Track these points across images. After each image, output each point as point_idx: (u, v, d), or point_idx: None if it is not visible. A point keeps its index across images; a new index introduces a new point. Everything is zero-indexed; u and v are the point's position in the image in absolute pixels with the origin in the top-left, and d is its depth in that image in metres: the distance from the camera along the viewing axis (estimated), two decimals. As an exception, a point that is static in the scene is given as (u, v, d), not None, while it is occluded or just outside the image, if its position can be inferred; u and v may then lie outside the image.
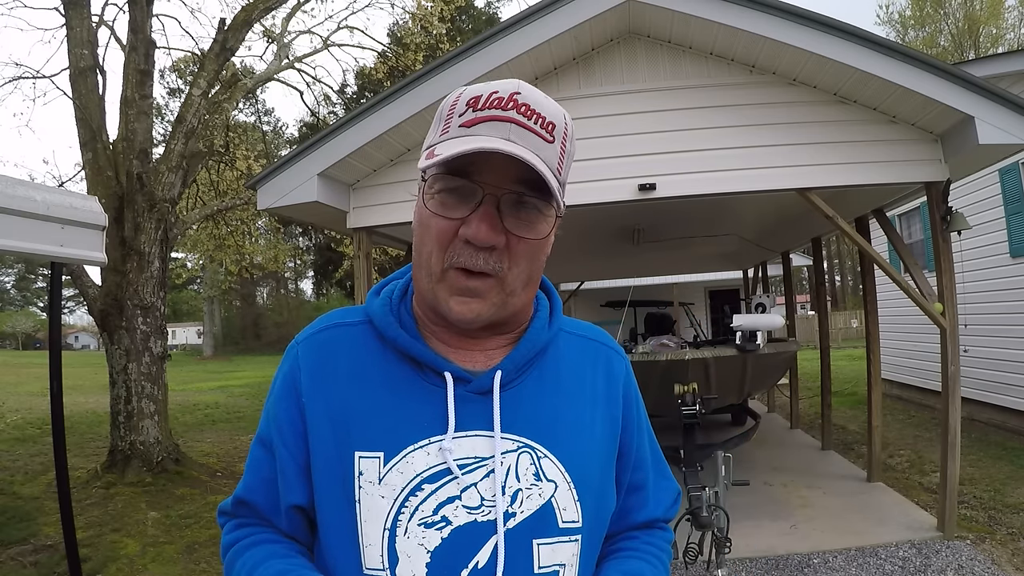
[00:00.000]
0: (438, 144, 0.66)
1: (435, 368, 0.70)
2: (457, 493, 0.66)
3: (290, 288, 44.49)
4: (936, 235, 3.79)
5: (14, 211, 2.46)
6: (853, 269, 31.89)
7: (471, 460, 0.67)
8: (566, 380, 0.75)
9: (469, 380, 0.70)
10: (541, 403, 0.72)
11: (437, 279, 0.68)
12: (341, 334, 0.75)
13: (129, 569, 3.82)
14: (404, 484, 0.66)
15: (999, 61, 6.22)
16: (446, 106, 0.68)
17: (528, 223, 0.67)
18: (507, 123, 0.64)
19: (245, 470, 0.77)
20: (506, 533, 0.66)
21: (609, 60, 3.97)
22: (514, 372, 0.72)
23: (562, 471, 0.70)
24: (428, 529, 0.65)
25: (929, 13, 23.31)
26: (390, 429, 0.68)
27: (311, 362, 0.74)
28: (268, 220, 12.27)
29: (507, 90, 0.65)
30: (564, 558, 0.69)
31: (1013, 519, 4.03)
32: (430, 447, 0.67)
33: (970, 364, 6.35)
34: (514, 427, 0.69)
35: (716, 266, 10.32)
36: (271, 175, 4.02)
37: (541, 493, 0.68)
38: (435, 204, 0.67)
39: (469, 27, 23.70)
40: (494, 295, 0.68)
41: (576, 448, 0.72)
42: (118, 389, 5.70)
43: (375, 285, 0.81)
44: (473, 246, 0.65)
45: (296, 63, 9.11)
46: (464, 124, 0.65)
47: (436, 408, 0.69)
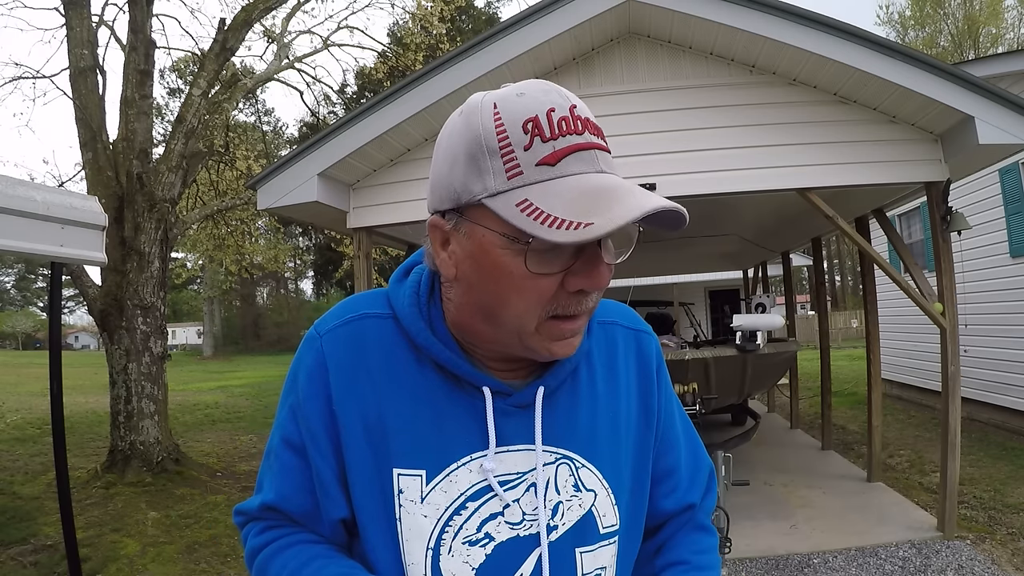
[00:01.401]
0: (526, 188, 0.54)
1: (473, 383, 0.66)
2: (500, 509, 0.65)
3: (290, 288, 44.51)
4: (936, 235, 3.79)
5: (14, 211, 2.46)
6: (853, 269, 31.89)
7: (512, 476, 0.66)
8: (600, 381, 0.73)
9: (508, 393, 0.67)
10: (577, 412, 0.70)
11: (530, 335, 0.60)
12: (369, 328, 0.68)
13: (129, 569, 3.82)
14: (448, 504, 0.64)
15: (999, 61, 6.23)
16: (488, 133, 0.55)
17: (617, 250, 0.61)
18: (591, 150, 0.56)
19: (273, 473, 0.71)
20: (549, 546, 0.65)
21: (609, 60, 3.97)
22: (555, 386, 0.69)
23: (600, 479, 0.69)
24: (472, 547, 0.64)
25: (929, 13, 23.32)
26: (430, 446, 0.65)
27: (339, 360, 0.67)
28: (268, 220, 12.28)
29: (563, 105, 0.56)
30: (605, 561, 0.69)
31: (1013, 519, 4.03)
32: (472, 464, 0.65)
33: (970, 364, 6.35)
34: (553, 439, 0.68)
35: (716, 266, 10.32)
36: (271, 175, 4.02)
37: (581, 504, 0.68)
38: (535, 262, 0.56)
39: (469, 27, 23.70)
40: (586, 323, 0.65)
41: (613, 454, 0.71)
42: (118, 389, 5.70)
43: (398, 269, 0.74)
44: (585, 293, 0.59)
45: (296, 63, 9.11)
46: (545, 161, 0.54)
47: (475, 423, 0.66)
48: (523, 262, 0.56)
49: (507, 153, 0.55)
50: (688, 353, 4.63)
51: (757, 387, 5.94)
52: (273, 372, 20.47)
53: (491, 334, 0.63)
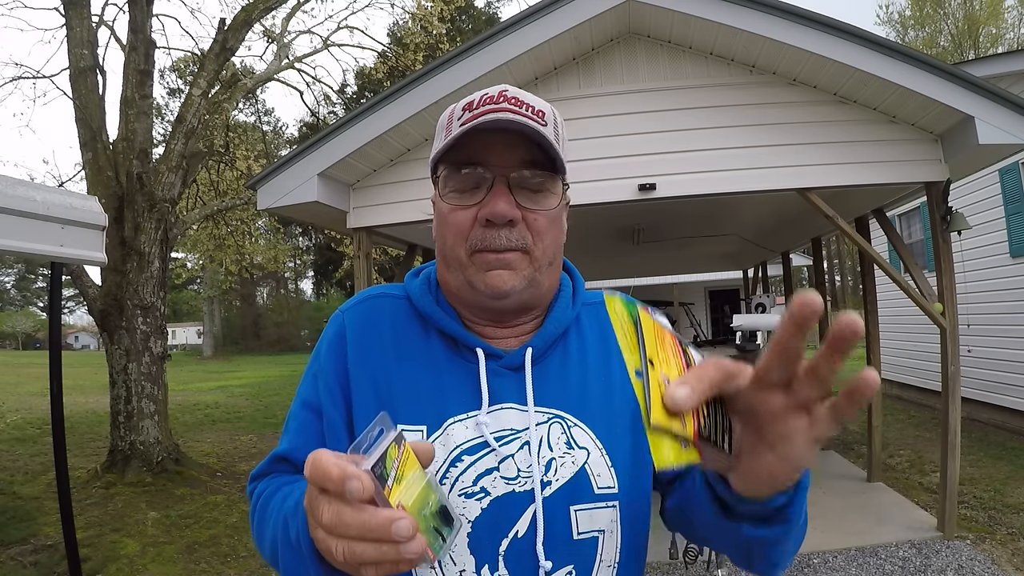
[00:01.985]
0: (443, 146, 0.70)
1: (468, 344, 0.73)
2: (495, 465, 0.68)
3: (290, 288, 44.51)
4: (936, 235, 3.80)
5: (14, 211, 2.46)
6: (853, 269, 31.89)
7: (506, 432, 0.70)
8: (590, 350, 0.78)
9: (500, 356, 0.73)
10: (567, 375, 0.75)
11: (465, 266, 0.71)
12: (385, 305, 0.79)
13: (129, 569, 3.82)
14: (445, 456, 0.68)
15: (999, 61, 6.22)
16: (444, 119, 0.73)
17: (537, 200, 0.71)
18: (502, 113, 0.67)
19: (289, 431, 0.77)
20: (543, 501, 0.68)
21: (609, 60, 3.97)
22: (543, 348, 0.75)
23: (593, 438, 0.72)
24: (468, 500, 0.67)
25: (929, 13, 23.32)
26: (432, 403, 0.71)
27: (357, 330, 0.76)
28: (268, 220, 12.29)
29: (496, 90, 0.70)
30: (603, 524, 0.70)
31: (1013, 519, 4.03)
32: (467, 421, 0.70)
33: (970, 364, 6.35)
34: (544, 400, 0.72)
35: (716, 266, 10.33)
36: (271, 175, 4.02)
37: (574, 460, 0.71)
38: (451, 197, 0.71)
39: (469, 27, 23.70)
40: (524, 267, 0.71)
41: (605, 414, 0.74)
42: (118, 389, 5.70)
43: (412, 270, 0.84)
44: (494, 225, 0.68)
45: (296, 63, 9.12)
46: (463, 123, 0.68)
47: (472, 383, 0.72)
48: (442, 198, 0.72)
49: (448, 126, 0.71)
50: (688, 353, 4.62)
51: (757, 387, 5.93)
52: (273, 372, 20.47)
53: (453, 280, 0.74)
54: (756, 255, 8.47)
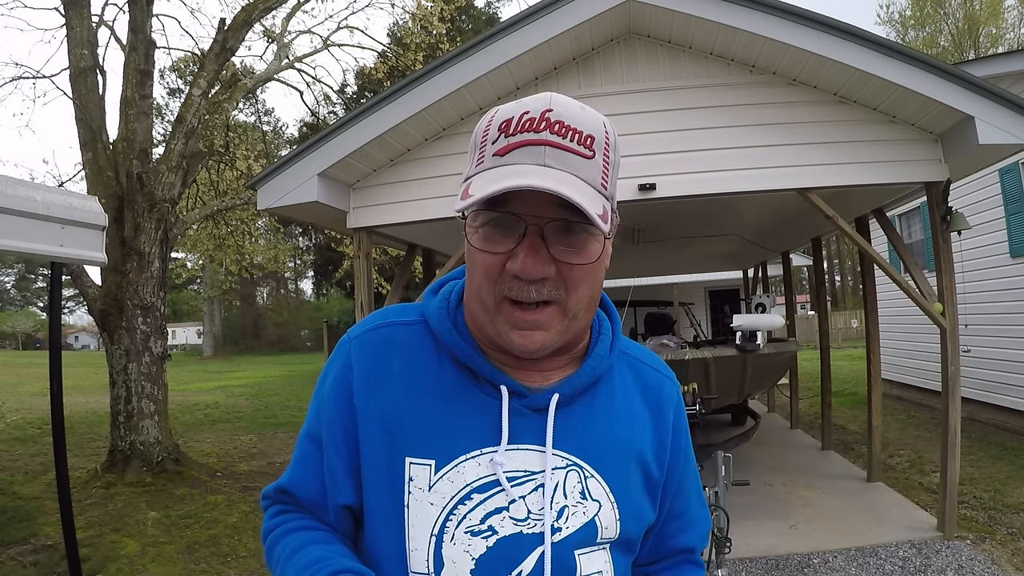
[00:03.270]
0: (474, 177, 0.64)
1: (491, 380, 0.70)
2: (505, 505, 0.67)
3: (290, 288, 44.51)
4: (936, 235, 3.80)
5: (14, 211, 2.46)
6: (853, 269, 31.89)
7: (521, 473, 0.68)
8: (619, 403, 0.75)
9: (525, 395, 0.70)
10: (592, 424, 0.72)
11: (493, 312, 0.66)
12: (396, 333, 0.74)
13: (129, 569, 3.82)
14: (454, 493, 0.67)
15: (999, 61, 6.23)
16: (479, 132, 0.66)
17: (576, 249, 0.64)
18: (541, 147, 0.61)
19: (293, 461, 0.77)
20: (552, 546, 0.67)
21: (609, 60, 3.97)
22: (571, 395, 0.72)
23: (607, 492, 0.71)
24: (474, 537, 0.66)
25: (929, 13, 23.32)
26: (442, 437, 0.68)
27: (364, 361, 0.72)
28: (268, 220, 12.29)
29: (539, 108, 0.62)
30: (600, 565, 0.71)
31: (1013, 519, 4.03)
32: (481, 458, 0.68)
33: (970, 364, 6.35)
34: (565, 445, 0.70)
35: (716, 266, 10.32)
36: (271, 175, 4.02)
37: (586, 511, 0.70)
38: (479, 239, 0.65)
39: (469, 27, 23.69)
40: (556, 323, 0.66)
41: (623, 471, 0.73)
42: (118, 389, 5.70)
43: (433, 283, 0.80)
44: (522, 280, 0.63)
45: (296, 63, 9.11)
46: (497, 152, 0.62)
47: (489, 420, 0.69)
48: (469, 236, 0.65)
49: (482, 147, 0.65)
50: (688, 353, 4.63)
51: (757, 387, 5.94)
52: (273, 372, 20.47)
53: (482, 318, 0.69)
54: (756, 255, 8.47)
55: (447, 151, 4.08)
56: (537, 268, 0.62)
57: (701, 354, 4.63)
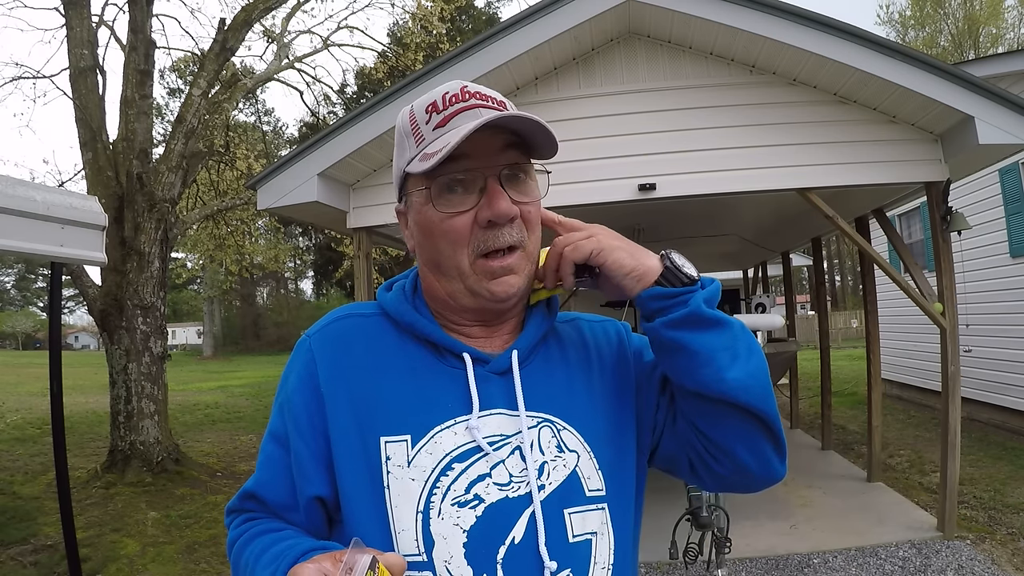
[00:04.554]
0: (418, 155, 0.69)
1: (453, 350, 0.72)
2: (487, 471, 0.67)
3: (290, 288, 44.50)
4: (936, 235, 3.79)
5: (14, 211, 2.46)
6: (853, 269, 31.89)
7: (496, 437, 0.69)
8: (572, 356, 0.79)
9: (487, 361, 0.72)
10: (552, 379, 0.75)
11: (467, 275, 0.70)
12: (355, 324, 0.76)
13: (129, 569, 3.82)
14: (434, 465, 0.67)
15: (999, 61, 6.23)
16: (404, 124, 0.72)
17: (527, 190, 0.71)
18: (475, 108, 0.67)
19: (257, 466, 0.77)
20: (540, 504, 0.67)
21: (609, 60, 3.96)
22: (527, 351, 0.75)
23: (581, 441, 0.73)
24: (462, 508, 0.66)
25: (929, 13, 23.31)
26: (415, 412, 0.69)
27: (327, 353, 0.73)
28: (268, 220, 12.28)
29: (455, 87, 0.69)
30: (595, 526, 0.71)
31: (1013, 519, 4.03)
32: (456, 427, 0.68)
33: (971, 364, 6.35)
34: (532, 403, 0.72)
35: (716, 266, 10.32)
36: (271, 175, 4.02)
37: (566, 464, 0.71)
38: (443, 205, 0.69)
39: (469, 27, 23.69)
40: (525, 267, 0.71)
41: (591, 418, 0.75)
42: (118, 389, 5.70)
43: (382, 284, 0.83)
44: (496, 225, 0.68)
45: (296, 63, 9.12)
46: (438, 125, 0.68)
47: (458, 389, 0.70)
48: (436, 206, 0.69)
49: (416, 130, 0.70)
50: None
51: (757, 387, 5.93)
52: (273, 372, 20.46)
53: (447, 287, 0.72)
54: (756, 255, 8.47)
55: (447, 151, 4.07)
56: (509, 207, 0.67)
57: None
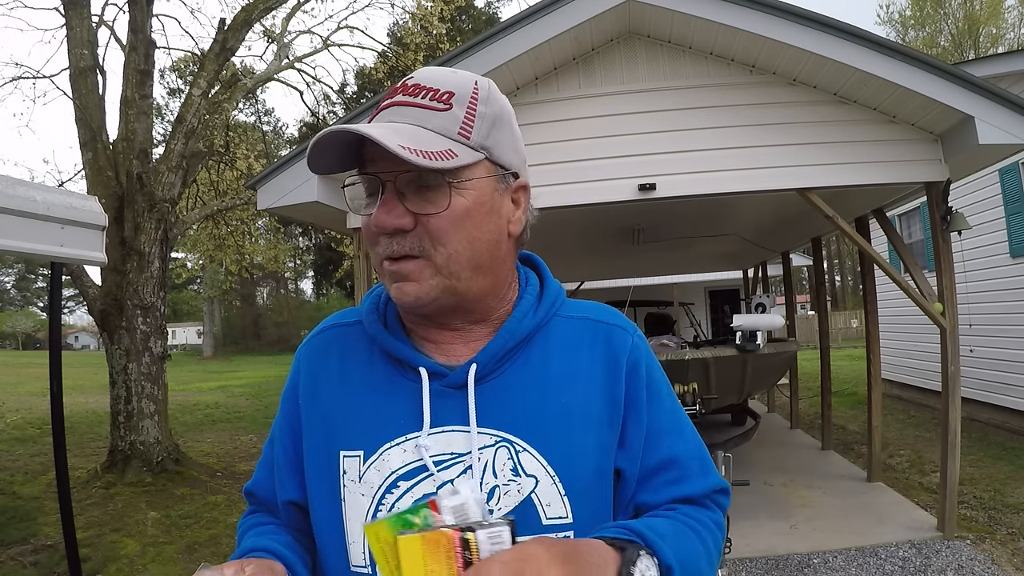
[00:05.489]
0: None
1: (411, 364, 0.70)
2: (433, 490, 0.65)
3: (290, 288, 44.50)
4: (936, 235, 3.79)
5: (14, 211, 2.46)
6: (853, 269, 31.89)
7: (447, 456, 0.66)
8: (555, 367, 0.71)
9: (445, 375, 0.68)
10: (523, 394, 0.68)
11: (381, 275, 0.70)
12: (337, 335, 0.78)
13: (129, 569, 3.82)
14: (380, 482, 0.67)
15: (999, 61, 6.22)
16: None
17: (432, 200, 0.64)
18: (392, 107, 0.66)
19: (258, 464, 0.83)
20: None
21: (609, 60, 3.97)
22: (492, 364, 0.69)
23: (544, 465, 0.67)
24: None
25: (929, 13, 23.32)
26: (369, 428, 0.69)
27: (309, 364, 0.77)
28: (268, 220, 12.28)
29: (412, 76, 0.69)
30: None
31: (1013, 519, 4.03)
32: (406, 444, 0.67)
33: (971, 364, 6.35)
34: (491, 421, 0.67)
35: (716, 266, 10.32)
36: (271, 175, 4.02)
37: (520, 489, 0.66)
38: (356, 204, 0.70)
39: (469, 27, 23.70)
40: (428, 277, 0.65)
41: (564, 440, 0.68)
42: (118, 389, 5.70)
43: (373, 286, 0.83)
44: (386, 235, 0.66)
45: (296, 63, 9.12)
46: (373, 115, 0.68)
47: (414, 405, 0.68)
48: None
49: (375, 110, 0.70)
50: (688, 353, 4.62)
51: (757, 387, 5.94)
52: (273, 372, 20.46)
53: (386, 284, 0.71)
54: (756, 255, 8.47)
55: (447, 151, 4.07)
56: (389, 220, 0.64)
57: (701, 354, 4.62)
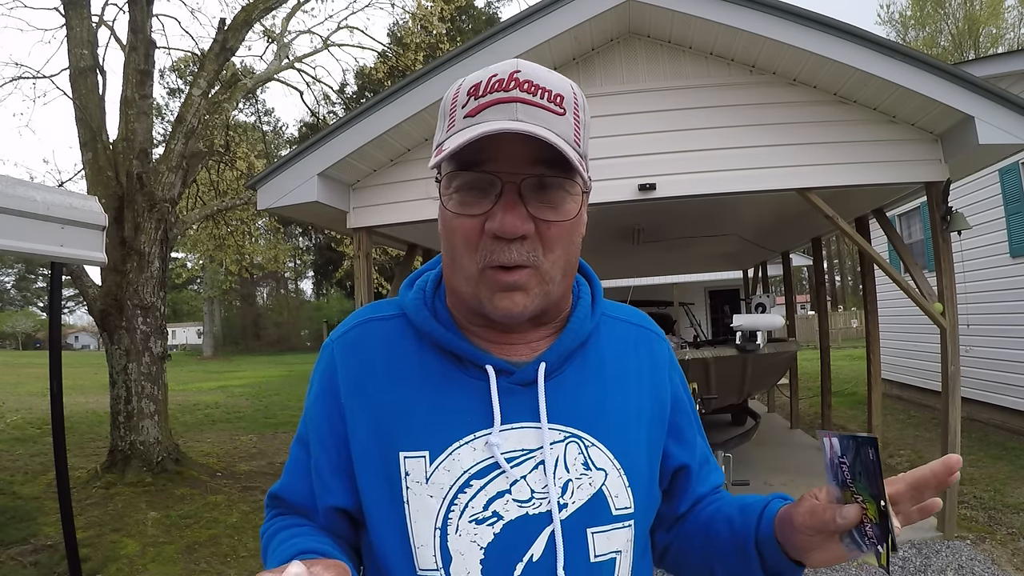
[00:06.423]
0: (445, 140, 0.63)
1: (476, 362, 0.68)
2: (507, 487, 0.65)
3: (290, 288, 44.51)
4: (936, 235, 3.80)
5: (14, 211, 2.46)
6: (853, 269, 31.89)
7: (519, 453, 0.66)
8: (610, 366, 0.74)
9: (512, 372, 0.68)
10: (585, 391, 0.71)
11: (476, 281, 0.65)
12: (375, 329, 0.74)
13: (129, 569, 3.82)
14: (452, 482, 0.65)
15: (999, 61, 6.23)
16: (448, 100, 0.66)
17: (554, 205, 0.63)
18: (512, 104, 0.61)
19: (284, 468, 0.78)
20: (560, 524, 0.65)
21: (609, 60, 3.97)
22: (558, 363, 0.70)
23: (611, 459, 0.69)
24: (480, 525, 0.64)
25: (929, 13, 23.33)
26: (433, 427, 0.67)
27: (347, 361, 0.72)
28: (268, 220, 12.28)
29: (506, 70, 0.62)
30: (619, 545, 0.68)
31: (1013, 519, 4.03)
32: (476, 442, 0.66)
33: (970, 364, 6.35)
34: (560, 417, 0.68)
35: (716, 266, 10.33)
36: (271, 175, 4.02)
37: (592, 482, 0.68)
38: (455, 204, 0.64)
39: (469, 27, 23.70)
40: (535, 286, 0.65)
41: (623, 435, 0.71)
42: (118, 389, 5.70)
43: (408, 277, 0.79)
44: (503, 240, 0.62)
45: (296, 63, 9.11)
46: (468, 114, 0.62)
47: (479, 402, 0.67)
48: (445, 202, 0.65)
49: (452, 113, 0.64)
50: (688, 353, 4.63)
51: (757, 387, 5.94)
52: (273, 372, 20.47)
53: (462, 287, 0.67)
54: (756, 255, 8.48)
55: (447, 151, 4.08)
56: (516, 224, 0.61)
57: (701, 354, 4.63)
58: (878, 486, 0.53)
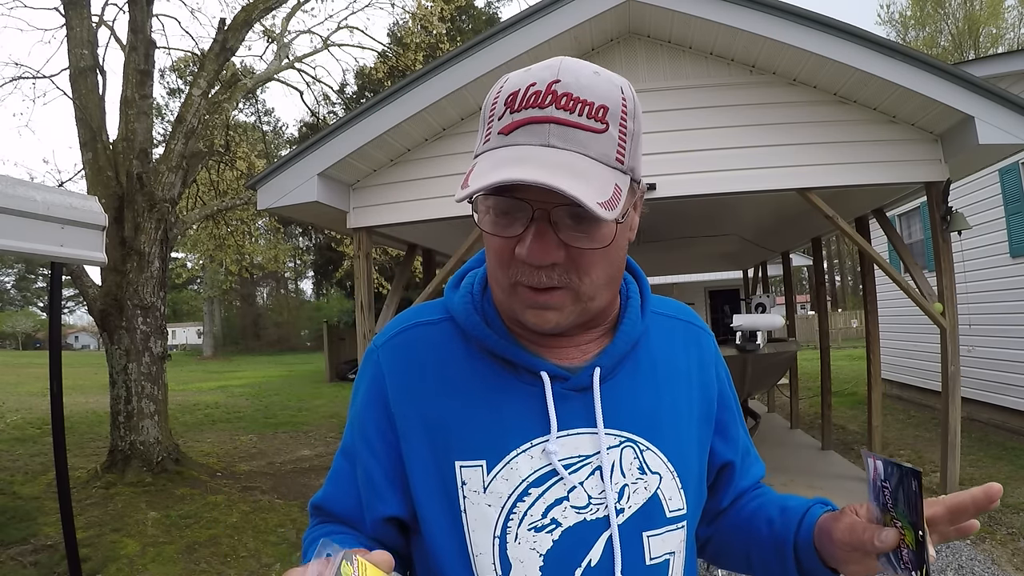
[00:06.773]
0: (480, 156, 0.60)
1: (530, 368, 0.67)
2: (564, 494, 0.65)
3: (290, 288, 44.52)
4: (936, 235, 3.80)
5: (14, 211, 2.46)
6: (853, 269, 31.89)
7: (575, 459, 0.66)
8: (661, 367, 0.74)
9: (566, 377, 0.68)
10: (638, 395, 0.70)
11: (508, 293, 0.65)
12: (422, 334, 0.72)
13: (129, 569, 3.82)
14: (510, 491, 0.65)
15: (999, 61, 6.23)
16: (488, 106, 0.62)
17: (587, 233, 0.60)
18: (546, 125, 0.57)
19: (327, 479, 0.77)
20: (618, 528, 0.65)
21: (609, 60, 3.97)
22: (612, 366, 0.70)
23: (665, 462, 0.69)
24: (539, 533, 0.64)
25: (929, 13, 23.33)
26: (489, 436, 0.66)
27: (395, 367, 0.71)
28: (268, 220, 12.28)
29: (545, 80, 0.58)
30: (673, 546, 0.69)
31: (1013, 519, 4.03)
32: (533, 450, 0.66)
33: (970, 364, 6.35)
34: (614, 422, 0.68)
35: (716, 266, 10.34)
36: (271, 175, 4.02)
37: (647, 486, 0.68)
38: (488, 223, 0.62)
39: (469, 27, 23.69)
40: (569, 303, 0.64)
41: (676, 437, 0.71)
42: (118, 389, 5.70)
43: (452, 276, 0.77)
44: (531, 265, 0.61)
45: (296, 63, 9.12)
46: (503, 130, 0.59)
47: (534, 409, 0.67)
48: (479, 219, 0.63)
49: (489, 123, 0.61)
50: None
51: (757, 387, 5.94)
52: (273, 372, 20.48)
53: (499, 295, 0.67)
54: (756, 255, 8.48)
55: (447, 151, 4.08)
56: (544, 254, 0.59)
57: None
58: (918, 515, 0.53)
